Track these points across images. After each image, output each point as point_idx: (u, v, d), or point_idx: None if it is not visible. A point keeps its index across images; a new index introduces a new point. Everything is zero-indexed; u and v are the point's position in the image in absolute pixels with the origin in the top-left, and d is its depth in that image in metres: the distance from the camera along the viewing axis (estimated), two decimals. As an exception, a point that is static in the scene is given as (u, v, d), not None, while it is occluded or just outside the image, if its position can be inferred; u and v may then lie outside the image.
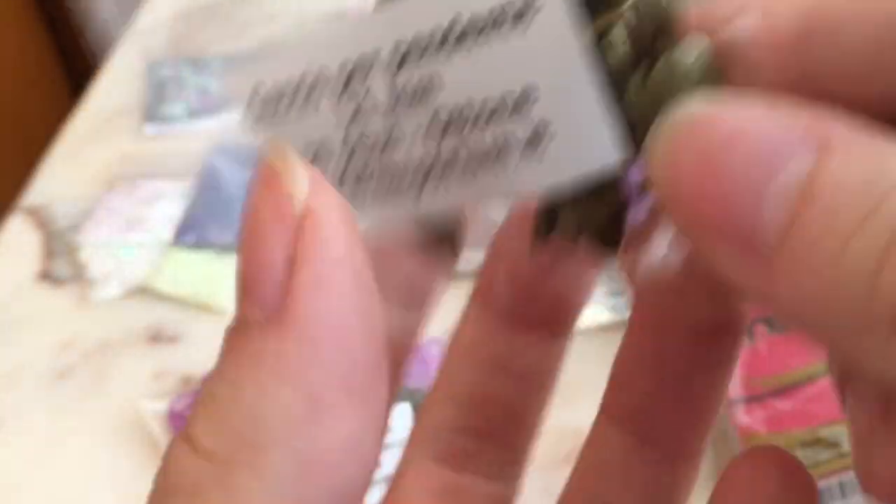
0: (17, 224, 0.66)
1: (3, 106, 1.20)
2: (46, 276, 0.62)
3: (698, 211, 0.14)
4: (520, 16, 0.15)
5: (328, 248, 0.14)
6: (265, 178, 0.14)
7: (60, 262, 0.63)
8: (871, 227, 0.12)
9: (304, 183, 0.14)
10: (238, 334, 0.14)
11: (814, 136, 0.13)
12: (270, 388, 0.14)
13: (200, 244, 0.62)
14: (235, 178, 0.66)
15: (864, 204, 0.13)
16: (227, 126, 0.72)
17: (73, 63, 1.34)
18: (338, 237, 0.14)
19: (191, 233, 0.62)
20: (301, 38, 0.16)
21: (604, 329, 0.51)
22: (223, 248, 0.61)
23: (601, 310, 0.53)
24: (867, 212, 0.13)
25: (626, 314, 0.19)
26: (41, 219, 0.66)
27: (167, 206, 0.64)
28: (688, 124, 0.14)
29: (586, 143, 0.15)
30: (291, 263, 0.14)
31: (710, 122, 0.14)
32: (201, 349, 0.56)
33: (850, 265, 0.12)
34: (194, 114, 0.73)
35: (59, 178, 0.69)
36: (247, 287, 0.14)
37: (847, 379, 0.16)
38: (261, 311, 0.14)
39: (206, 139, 0.71)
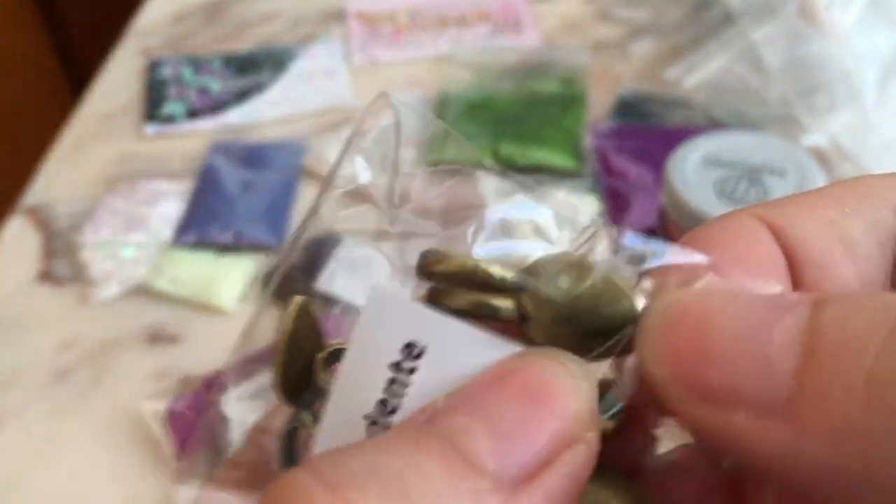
0: (17, 224, 0.66)
1: (3, 106, 1.20)
2: (46, 276, 0.62)
3: (703, 383, 0.14)
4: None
5: (578, 476, 0.15)
6: (568, 386, 0.15)
7: (60, 262, 0.63)
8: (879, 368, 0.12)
9: (590, 413, 0.15)
10: (464, 472, 0.14)
11: (809, 295, 0.14)
12: None
13: (200, 244, 0.62)
14: (235, 178, 0.66)
15: (880, 327, 0.12)
16: (227, 126, 0.72)
17: (73, 63, 1.34)
18: (584, 474, 0.15)
19: (191, 233, 0.62)
20: None
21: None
22: (223, 248, 0.61)
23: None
24: (887, 331, 0.12)
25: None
26: (41, 219, 0.66)
27: (167, 206, 0.64)
28: (678, 305, 0.15)
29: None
30: (542, 465, 0.14)
31: (701, 299, 0.14)
32: (201, 349, 0.56)
33: (878, 389, 0.12)
34: (194, 114, 0.74)
35: (59, 178, 0.69)
36: (505, 443, 0.14)
37: None
38: (499, 470, 0.14)
39: (206, 139, 0.71)
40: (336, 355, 0.18)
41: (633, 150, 0.65)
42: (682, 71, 0.71)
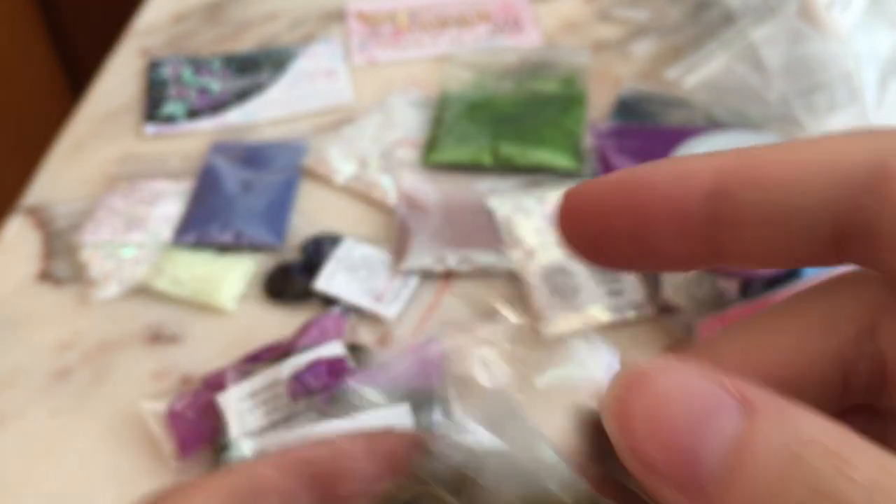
0: (17, 224, 0.66)
1: (3, 106, 1.20)
2: (46, 276, 0.62)
3: (647, 455, 0.15)
4: None
5: None
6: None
7: (60, 262, 0.63)
8: (790, 487, 0.14)
9: None
10: None
11: (740, 397, 0.15)
12: None
13: (200, 244, 0.62)
14: (235, 178, 0.66)
15: (784, 465, 0.14)
16: (227, 126, 0.72)
17: (73, 63, 1.34)
18: None
19: (191, 233, 0.62)
20: None
21: (604, 329, 0.52)
22: (223, 248, 0.61)
23: (601, 309, 0.53)
24: (787, 472, 0.14)
25: (627, 314, 0.19)
26: (41, 219, 0.66)
27: (167, 206, 0.65)
28: (636, 380, 0.16)
29: None
30: None
31: (652, 379, 0.16)
32: (201, 349, 0.56)
33: None
34: (194, 114, 0.74)
35: (59, 178, 0.69)
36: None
37: None
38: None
39: (206, 139, 0.71)
40: None
41: (633, 150, 0.65)
42: (682, 71, 0.71)
